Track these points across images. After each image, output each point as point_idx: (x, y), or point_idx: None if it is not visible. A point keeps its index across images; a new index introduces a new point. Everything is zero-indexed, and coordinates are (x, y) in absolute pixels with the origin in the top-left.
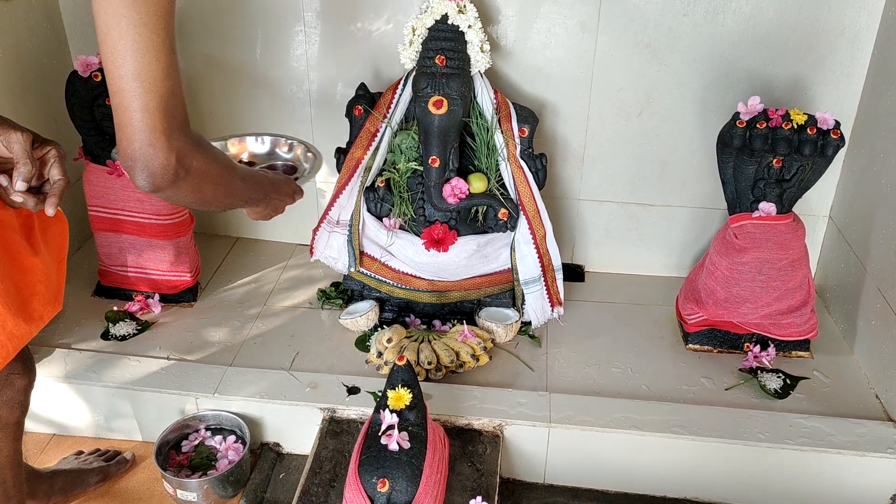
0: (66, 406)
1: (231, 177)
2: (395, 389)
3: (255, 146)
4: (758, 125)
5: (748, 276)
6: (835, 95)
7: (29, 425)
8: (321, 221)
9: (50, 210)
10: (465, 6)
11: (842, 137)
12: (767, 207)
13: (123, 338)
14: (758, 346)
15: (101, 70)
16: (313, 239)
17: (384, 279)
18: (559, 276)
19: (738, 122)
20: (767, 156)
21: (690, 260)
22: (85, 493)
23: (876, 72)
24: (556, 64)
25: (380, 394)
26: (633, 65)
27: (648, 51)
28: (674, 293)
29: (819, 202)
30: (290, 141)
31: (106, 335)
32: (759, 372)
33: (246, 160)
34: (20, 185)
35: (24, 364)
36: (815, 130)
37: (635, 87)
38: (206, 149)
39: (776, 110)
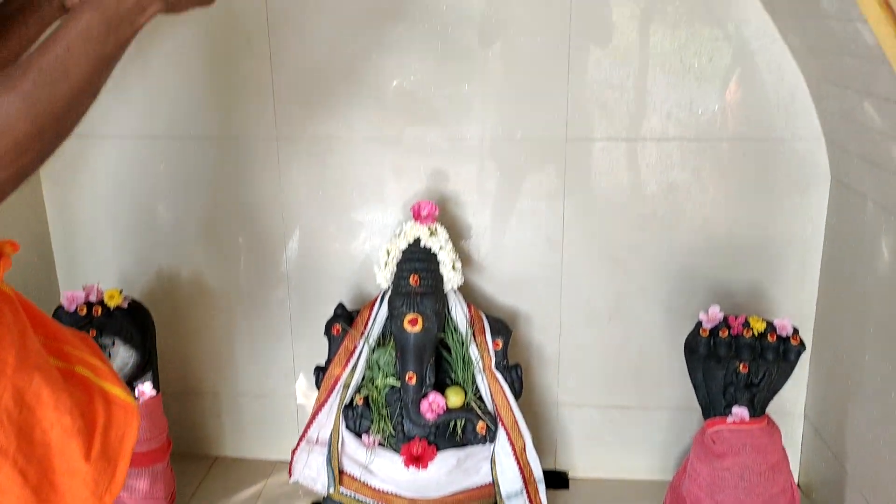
0: None
1: (65, 57)
2: None
3: None
4: (720, 333)
5: (731, 483)
6: (792, 299)
7: None
8: (300, 441)
9: None
10: (435, 229)
11: (802, 343)
12: (740, 412)
13: None
14: None
15: (87, 304)
16: (292, 459)
17: (365, 499)
18: (542, 487)
19: (701, 331)
20: (734, 361)
21: (673, 461)
22: None
23: (828, 278)
24: (527, 276)
25: None
26: (599, 274)
27: (612, 262)
28: (660, 498)
29: (794, 401)
30: None
31: None
32: None
33: None
34: None
35: None
36: (775, 337)
37: (604, 294)
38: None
39: (736, 318)
